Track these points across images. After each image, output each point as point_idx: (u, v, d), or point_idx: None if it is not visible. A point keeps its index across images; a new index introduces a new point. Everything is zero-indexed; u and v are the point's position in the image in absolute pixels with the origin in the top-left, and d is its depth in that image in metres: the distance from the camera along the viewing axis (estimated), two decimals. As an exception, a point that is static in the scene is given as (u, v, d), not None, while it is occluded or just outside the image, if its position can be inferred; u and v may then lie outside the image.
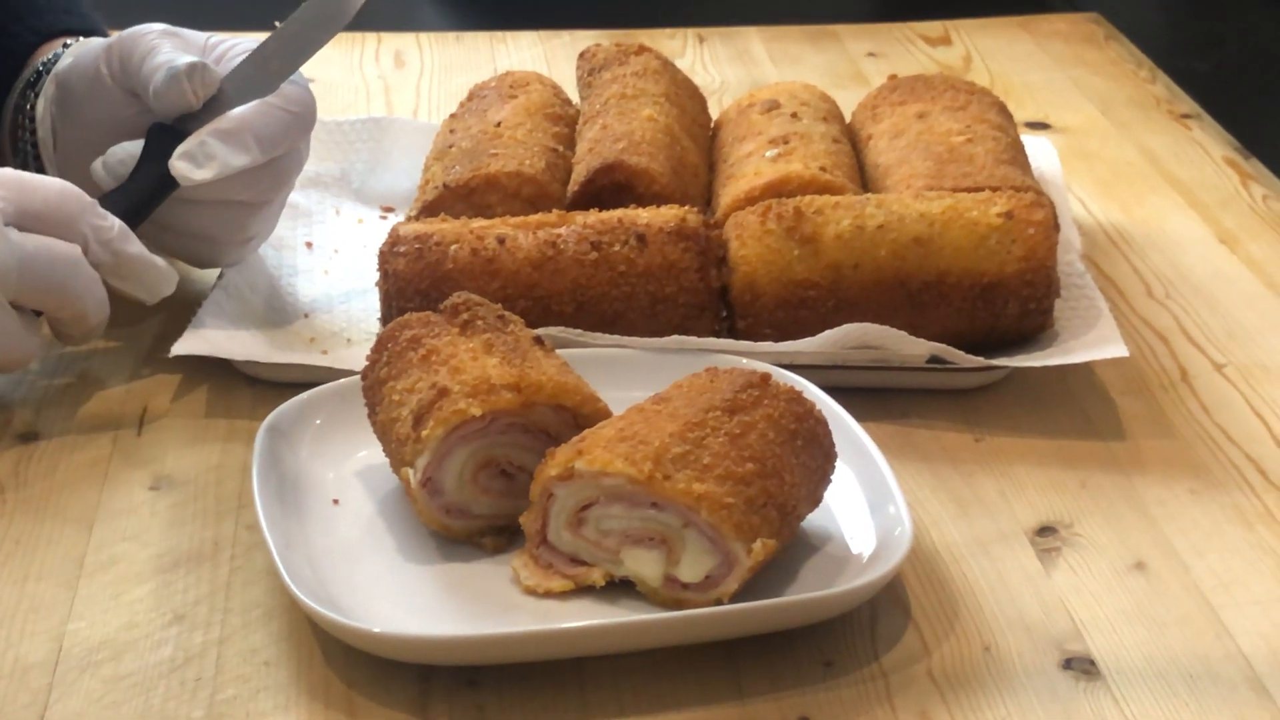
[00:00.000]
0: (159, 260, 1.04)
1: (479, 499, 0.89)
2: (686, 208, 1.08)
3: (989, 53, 1.63)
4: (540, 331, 0.96)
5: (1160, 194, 1.33)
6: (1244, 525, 0.94)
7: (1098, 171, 1.37)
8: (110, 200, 1.04)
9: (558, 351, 0.94)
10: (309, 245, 1.21)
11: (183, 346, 1.04)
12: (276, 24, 1.10)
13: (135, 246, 1.03)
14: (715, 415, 0.86)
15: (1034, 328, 1.06)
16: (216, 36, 1.12)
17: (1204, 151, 1.41)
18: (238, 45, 1.11)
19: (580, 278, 1.05)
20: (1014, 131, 1.21)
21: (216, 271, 1.13)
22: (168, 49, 1.07)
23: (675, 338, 1.03)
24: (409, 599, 0.86)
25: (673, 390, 0.90)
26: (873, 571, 0.84)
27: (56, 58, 1.13)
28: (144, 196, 1.05)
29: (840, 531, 0.90)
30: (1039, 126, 1.46)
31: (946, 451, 1.01)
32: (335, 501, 0.93)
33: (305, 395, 0.97)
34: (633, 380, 0.98)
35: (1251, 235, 1.27)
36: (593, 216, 1.07)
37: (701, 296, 1.05)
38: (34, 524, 0.93)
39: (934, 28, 1.69)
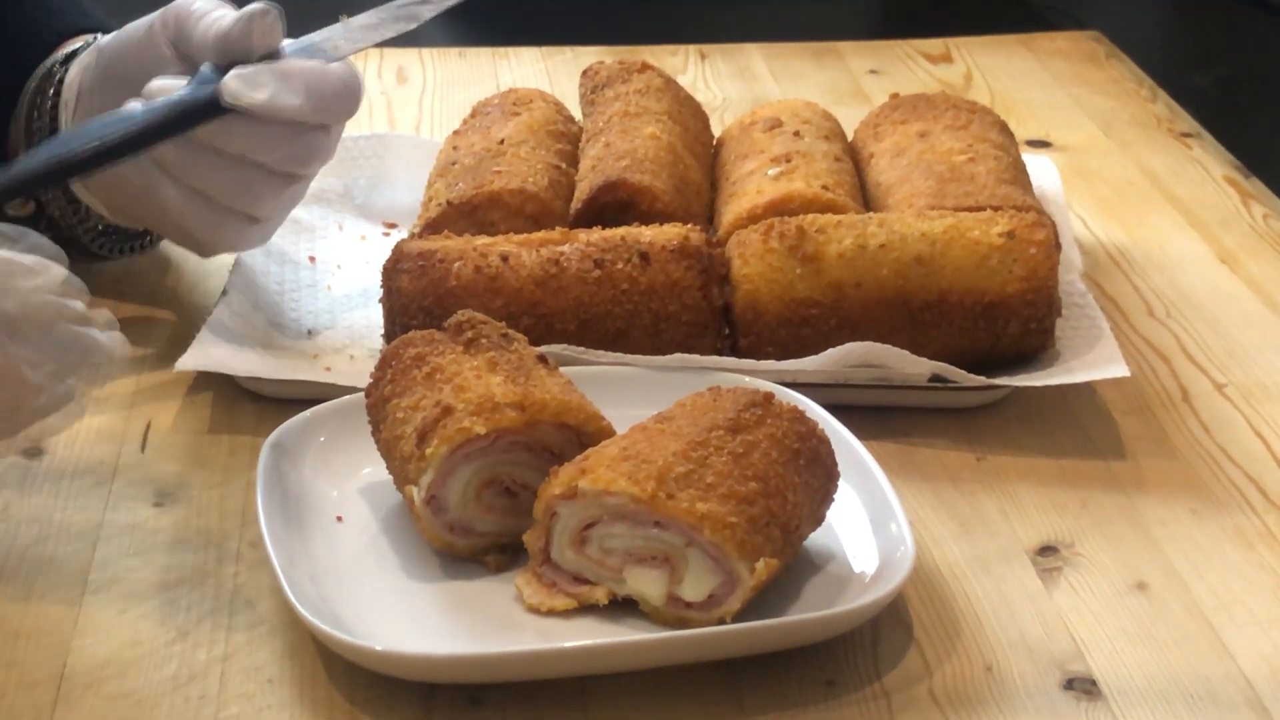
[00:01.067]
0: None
1: (483, 517, 0.89)
2: (689, 226, 1.08)
3: (990, 70, 1.64)
4: (543, 349, 0.96)
5: (1161, 213, 1.34)
6: (1245, 545, 0.95)
7: (1099, 190, 1.38)
8: (139, 114, 1.01)
9: (561, 369, 0.94)
10: (312, 260, 1.21)
11: (186, 362, 1.04)
12: (343, 17, 1.09)
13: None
14: (718, 434, 0.87)
15: (1035, 347, 1.06)
16: None
17: (1204, 170, 1.41)
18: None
19: (583, 295, 1.05)
20: (1015, 150, 1.21)
21: (220, 288, 1.14)
22: (224, 8, 1.06)
23: (678, 356, 1.04)
24: (412, 617, 0.86)
25: (676, 409, 0.90)
26: (875, 591, 0.85)
27: (83, 48, 1.13)
28: (178, 113, 1.02)
29: (842, 551, 0.90)
30: (1040, 145, 1.46)
31: (948, 470, 1.01)
32: (339, 519, 0.93)
33: (309, 412, 0.98)
34: (636, 398, 0.98)
35: (1252, 254, 1.27)
36: (596, 234, 1.07)
37: (704, 315, 1.06)
38: (38, 540, 0.94)
39: (935, 45, 1.70)
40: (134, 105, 1.03)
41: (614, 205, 1.13)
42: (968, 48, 1.69)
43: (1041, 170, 1.30)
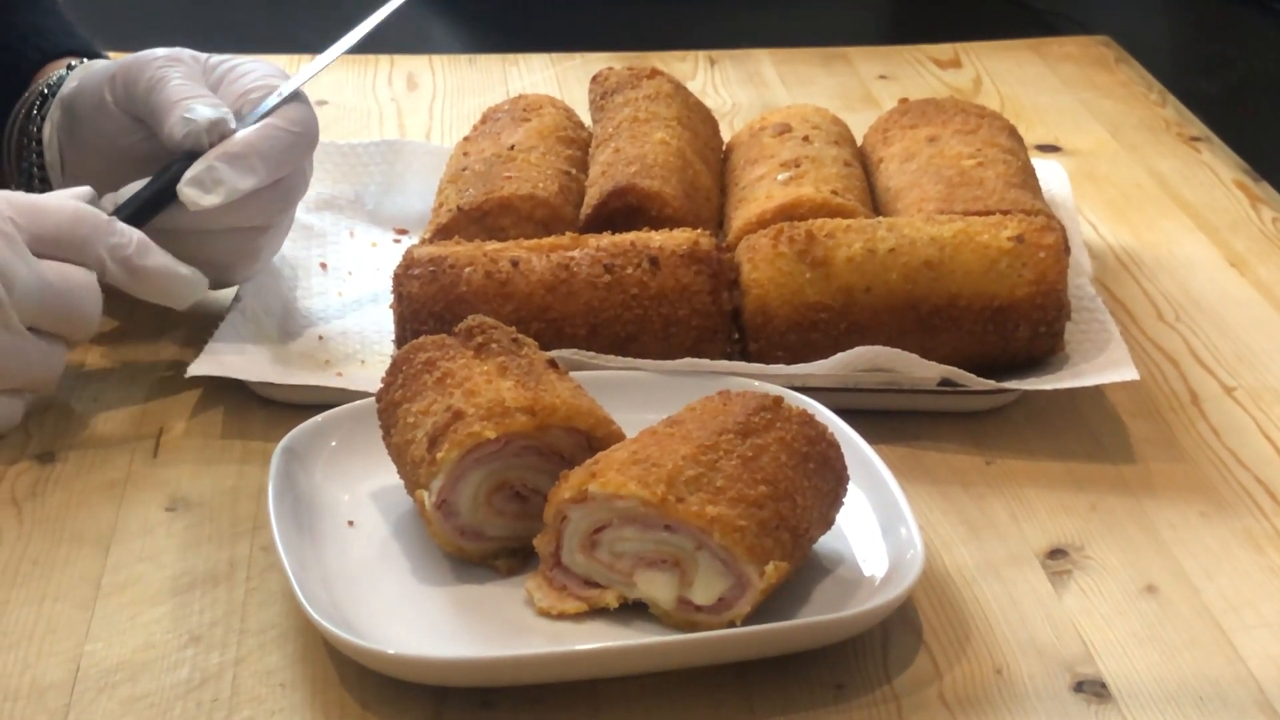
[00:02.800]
0: (182, 268, 1.05)
1: (493, 521, 0.90)
2: (699, 231, 1.08)
3: (999, 75, 1.64)
4: (554, 354, 0.96)
5: (1170, 217, 1.34)
6: (1254, 548, 0.95)
7: (1108, 194, 1.38)
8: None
9: (571, 374, 0.94)
10: (323, 267, 1.22)
11: (198, 368, 1.05)
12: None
13: (155, 259, 1.03)
14: (728, 438, 0.87)
15: (1044, 351, 1.07)
16: (217, 57, 1.12)
17: (1213, 174, 1.41)
18: (239, 66, 1.11)
19: (593, 300, 1.05)
20: (1024, 155, 1.22)
21: (232, 293, 1.14)
22: (176, 80, 1.07)
23: (688, 360, 1.04)
24: (423, 620, 0.86)
25: (685, 413, 0.90)
26: (884, 594, 0.85)
27: (61, 80, 1.14)
28: (144, 206, 1.05)
29: (852, 554, 0.90)
30: (1049, 149, 1.47)
31: (957, 474, 1.01)
32: (350, 523, 0.93)
33: (320, 417, 0.98)
34: (645, 403, 0.99)
35: (1261, 258, 1.27)
36: (605, 239, 1.08)
37: (714, 319, 1.06)
38: (51, 545, 0.94)
39: (944, 50, 1.70)
40: (107, 204, 1.05)
41: (624, 210, 1.14)
42: (977, 53, 1.69)
43: (1051, 174, 1.30)
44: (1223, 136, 1.49)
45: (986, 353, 1.05)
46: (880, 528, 0.91)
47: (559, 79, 1.62)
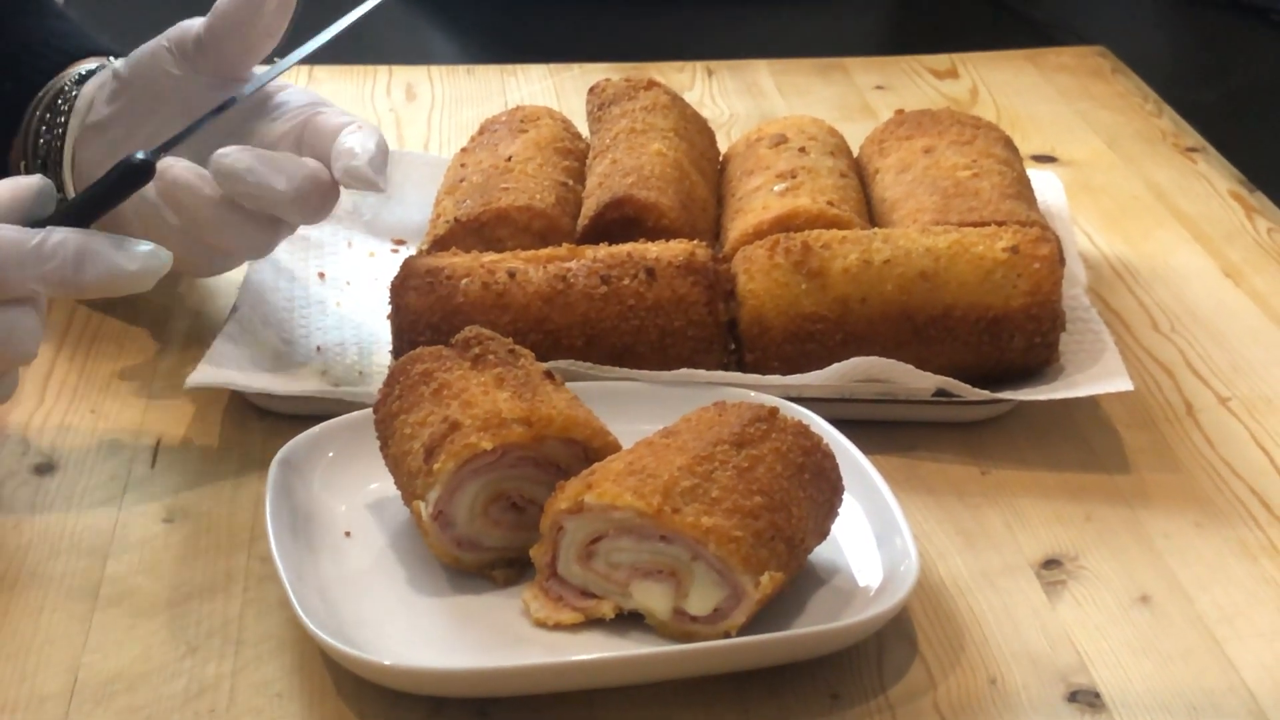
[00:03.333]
0: (131, 263, 0.94)
1: (490, 532, 0.90)
2: (695, 242, 1.09)
3: (996, 86, 1.64)
4: (550, 365, 0.97)
5: (1166, 227, 1.34)
6: (1248, 558, 0.95)
7: (1103, 205, 1.38)
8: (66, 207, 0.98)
9: (567, 384, 0.95)
10: (321, 277, 1.22)
11: (196, 379, 1.05)
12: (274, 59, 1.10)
13: (94, 270, 0.93)
14: (723, 449, 0.87)
15: (1039, 361, 1.07)
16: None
17: (1209, 185, 1.42)
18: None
19: (590, 311, 1.05)
20: (1020, 165, 1.22)
21: (230, 304, 1.14)
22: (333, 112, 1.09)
23: (684, 371, 1.04)
24: (420, 631, 0.87)
25: (681, 424, 0.91)
26: (879, 604, 0.85)
27: (89, 73, 1.14)
28: (92, 202, 0.98)
29: (847, 564, 0.91)
30: (1045, 159, 1.47)
31: (953, 484, 1.01)
32: (347, 534, 0.93)
33: (318, 428, 0.98)
34: (642, 413, 0.99)
35: (1256, 269, 1.27)
36: (602, 250, 1.08)
37: (710, 330, 1.06)
38: (49, 556, 0.94)
39: (941, 61, 1.70)
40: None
41: (620, 222, 1.14)
42: (974, 63, 1.70)
43: (1046, 185, 1.30)
44: (1218, 147, 1.49)
45: (981, 363, 1.06)
46: (875, 538, 0.91)
47: (557, 89, 1.63)
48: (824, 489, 0.89)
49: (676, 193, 1.16)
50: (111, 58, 1.17)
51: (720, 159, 1.28)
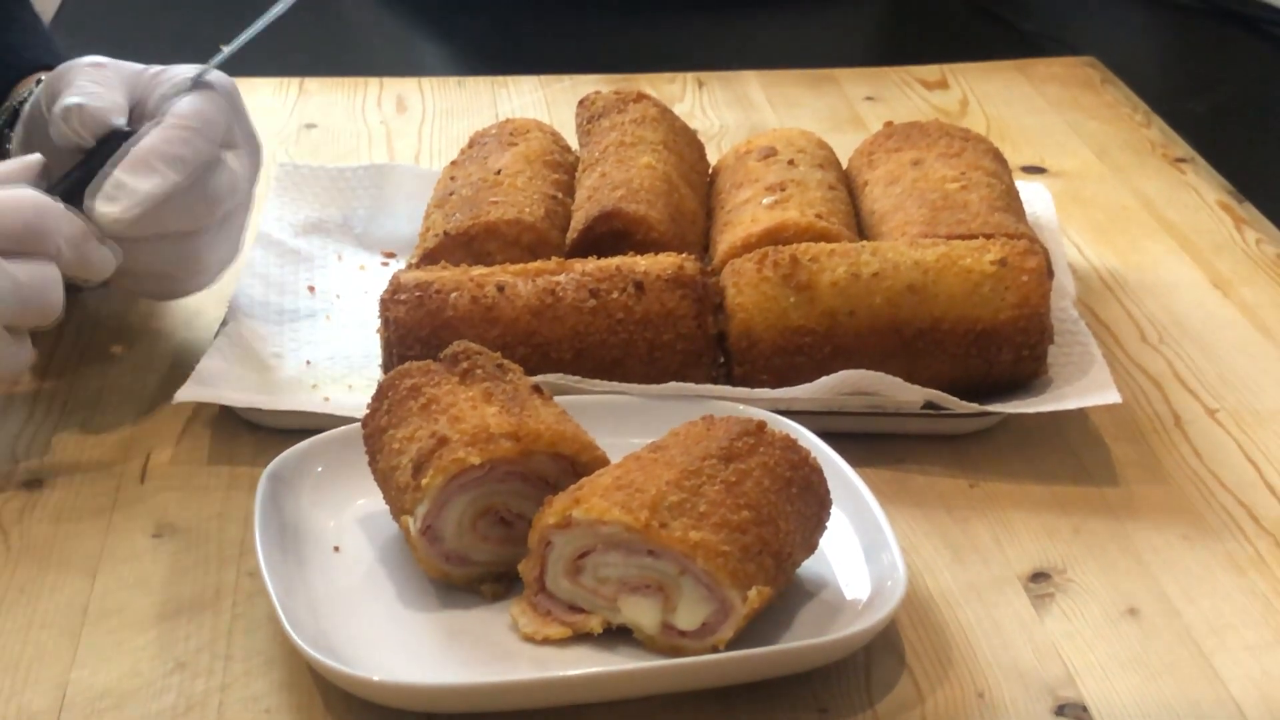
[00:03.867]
0: (105, 250, 1.04)
1: (478, 546, 0.90)
2: (684, 255, 1.09)
3: (986, 96, 1.65)
4: (539, 379, 0.97)
5: (1155, 238, 1.35)
6: (1236, 571, 0.95)
7: (1093, 216, 1.39)
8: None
9: (556, 398, 0.95)
10: (311, 290, 1.22)
11: (185, 394, 1.05)
12: (222, 47, 1.10)
13: (97, 247, 1.03)
14: (711, 463, 0.87)
15: (1028, 374, 1.07)
16: (155, 68, 1.12)
17: (1198, 196, 1.42)
18: (173, 70, 1.10)
19: (579, 325, 1.06)
20: (1008, 178, 1.22)
21: (220, 318, 1.14)
22: (81, 80, 1.07)
23: (673, 384, 1.04)
24: (409, 646, 0.87)
25: (669, 438, 0.91)
26: (867, 618, 0.85)
27: (31, 95, 1.14)
28: (77, 185, 1.05)
29: (835, 578, 0.91)
30: (1035, 170, 1.47)
31: (941, 497, 1.02)
32: (336, 549, 0.94)
33: (306, 443, 0.98)
34: (630, 427, 0.99)
35: (1245, 280, 1.28)
36: (591, 264, 1.08)
37: (699, 343, 1.06)
38: (38, 572, 0.94)
39: (931, 72, 1.71)
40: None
41: (609, 235, 1.14)
42: (964, 74, 1.70)
43: (1035, 196, 1.31)
44: (1208, 158, 1.49)
45: (970, 376, 1.06)
46: (863, 551, 0.91)
47: (548, 101, 1.63)
48: (812, 503, 0.89)
49: (665, 206, 1.16)
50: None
51: (709, 171, 1.28)
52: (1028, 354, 1.06)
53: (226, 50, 1.12)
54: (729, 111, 1.61)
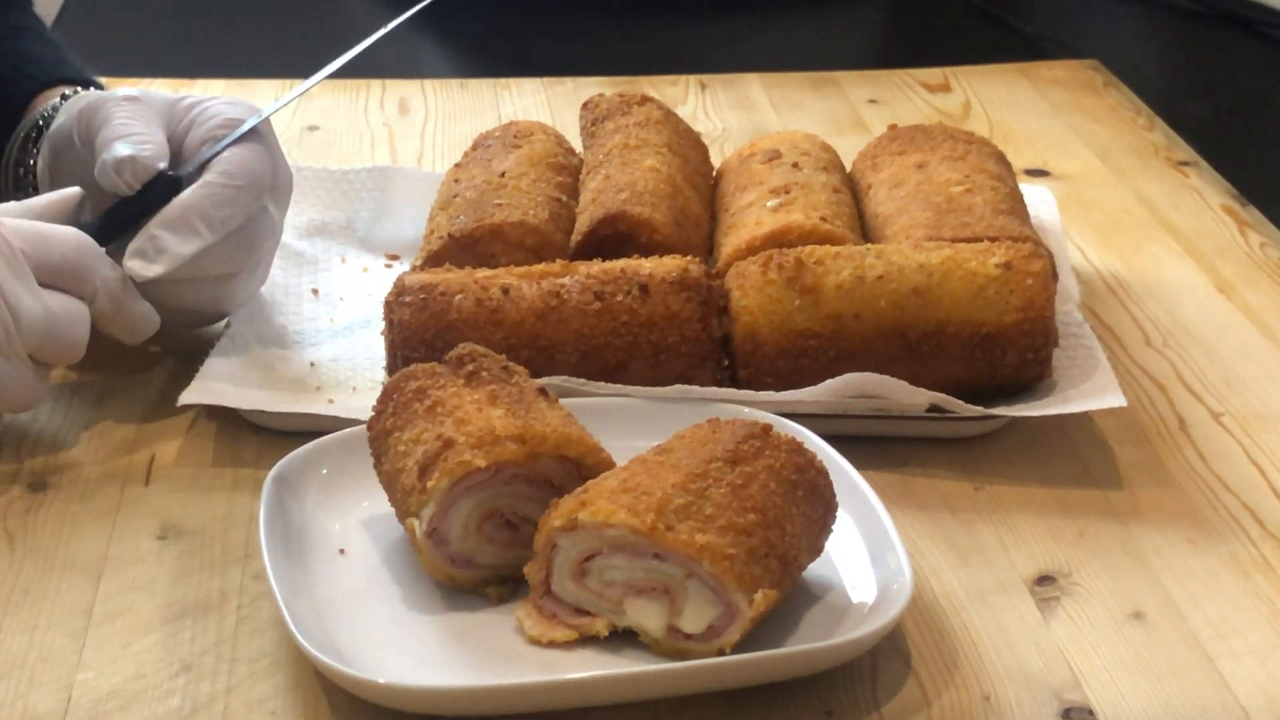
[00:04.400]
0: (146, 305, 1.07)
1: (484, 549, 0.90)
2: (688, 258, 1.09)
3: (989, 100, 1.65)
4: (544, 381, 0.97)
5: (1158, 242, 1.35)
6: (1241, 575, 0.95)
7: (1096, 219, 1.39)
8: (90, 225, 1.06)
9: (561, 401, 0.95)
10: (315, 293, 1.22)
11: (190, 396, 1.05)
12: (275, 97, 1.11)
13: (135, 298, 1.05)
14: (717, 466, 0.87)
15: (1032, 377, 1.07)
16: (189, 98, 1.12)
17: (1201, 199, 1.42)
18: (210, 106, 1.11)
19: (583, 328, 1.06)
20: (1012, 181, 1.22)
21: (224, 320, 1.14)
22: (120, 119, 1.07)
23: (677, 387, 1.04)
24: (414, 649, 0.87)
25: (675, 441, 0.91)
26: (873, 621, 0.85)
27: (55, 110, 1.14)
28: (112, 224, 1.07)
29: (841, 581, 0.91)
30: (1038, 174, 1.47)
31: (946, 500, 1.01)
32: (341, 551, 0.93)
33: (311, 445, 0.98)
34: (635, 430, 0.99)
35: (1249, 283, 1.28)
36: (596, 266, 1.08)
37: (703, 346, 1.06)
38: (43, 574, 0.94)
39: (934, 75, 1.71)
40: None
41: (614, 238, 1.14)
42: (966, 77, 1.70)
43: (1039, 199, 1.31)
44: (1211, 161, 1.49)
45: (974, 379, 1.06)
46: (869, 554, 0.91)
47: (550, 103, 1.63)
48: (817, 506, 0.89)
49: (670, 209, 1.16)
50: (78, 87, 1.17)
51: (714, 174, 1.28)
52: (1032, 357, 1.06)
53: (279, 102, 1.13)
54: (731, 114, 1.61)
